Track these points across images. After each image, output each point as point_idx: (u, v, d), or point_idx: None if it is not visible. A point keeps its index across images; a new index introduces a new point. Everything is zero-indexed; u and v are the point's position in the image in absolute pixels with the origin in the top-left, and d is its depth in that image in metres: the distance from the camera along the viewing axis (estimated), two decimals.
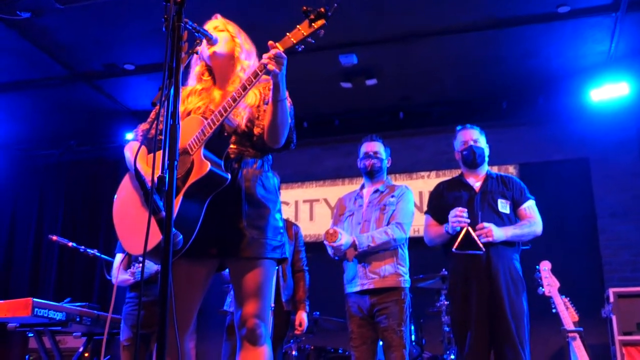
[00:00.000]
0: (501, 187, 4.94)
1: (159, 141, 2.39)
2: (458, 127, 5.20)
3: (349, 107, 8.75)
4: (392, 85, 8.16)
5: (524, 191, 4.96)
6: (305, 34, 2.92)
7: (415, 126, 8.89)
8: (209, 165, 2.94)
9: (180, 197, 2.92)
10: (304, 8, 2.92)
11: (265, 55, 2.93)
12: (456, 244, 4.64)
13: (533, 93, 8.22)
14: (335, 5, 2.88)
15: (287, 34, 2.96)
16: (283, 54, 2.92)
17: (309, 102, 7.91)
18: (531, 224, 4.83)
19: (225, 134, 3.15)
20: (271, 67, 2.91)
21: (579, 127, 8.30)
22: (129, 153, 3.33)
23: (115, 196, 3.33)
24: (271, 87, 3.08)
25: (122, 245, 3.20)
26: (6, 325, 5.25)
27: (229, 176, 3.04)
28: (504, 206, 4.85)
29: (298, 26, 2.94)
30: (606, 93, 7.98)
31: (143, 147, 3.17)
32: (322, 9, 2.89)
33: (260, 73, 2.96)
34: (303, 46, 2.96)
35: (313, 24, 2.90)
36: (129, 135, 3.45)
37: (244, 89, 2.98)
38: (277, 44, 2.94)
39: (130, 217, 3.16)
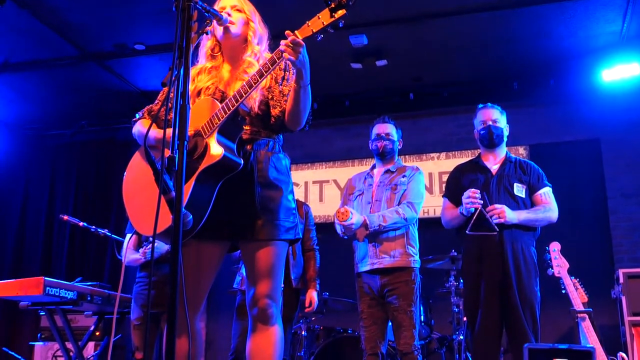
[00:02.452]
0: (519, 172, 4.95)
1: (169, 120, 2.39)
2: (479, 106, 5.19)
3: (360, 88, 8.73)
4: (402, 66, 8.13)
5: (542, 177, 4.96)
6: (325, 23, 2.85)
7: (426, 107, 8.86)
8: (222, 151, 2.95)
9: (192, 181, 2.93)
10: None
11: (282, 42, 2.91)
12: (470, 225, 4.65)
13: (544, 74, 8.17)
14: None
15: (307, 22, 2.91)
16: (300, 41, 2.89)
17: (319, 83, 7.78)
18: (546, 209, 4.83)
19: (239, 118, 3.16)
20: (287, 55, 2.89)
21: (590, 108, 8.25)
22: (140, 129, 3.34)
23: (125, 173, 3.34)
24: (284, 67, 3.09)
25: (132, 224, 3.21)
26: (18, 303, 5.29)
27: (242, 161, 3.05)
28: (519, 190, 4.86)
29: (318, 15, 2.88)
30: (618, 74, 7.93)
31: (154, 125, 3.18)
32: None
33: (277, 60, 2.95)
34: (322, 35, 2.91)
35: (334, 14, 2.83)
36: (137, 116, 3.43)
37: (261, 75, 2.98)
38: (296, 32, 2.91)
39: (141, 196, 3.18)
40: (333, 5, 2.83)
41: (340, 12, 2.83)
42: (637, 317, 6.01)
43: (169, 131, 2.37)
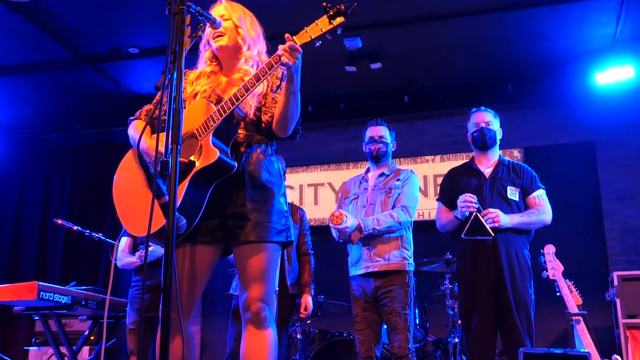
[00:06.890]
0: (512, 175, 4.95)
1: (162, 122, 2.39)
2: (472, 110, 5.22)
3: (355, 90, 8.72)
4: (397, 69, 8.12)
5: (535, 180, 4.97)
6: (324, 30, 2.91)
7: (421, 110, 8.85)
8: (217, 153, 2.96)
9: (186, 182, 2.94)
10: (324, 4, 2.91)
11: (280, 47, 2.93)
12: (465, 229, 4.66)
13: (539, 76, 8.17)
14: (356, 3, 2.87)
15: (305, 28, 2.94)
16: (298, 47, 2.92)
17: (314, 86, 7.89)
18: (540, 212, 4.84)
19: (235, 121, 3.17)
20: (285, 59, 2.91)
21: (585, 110, 8.26)
22: (132, 132, 3.34)
23: (116, 175, 3.33)
24: (280, 76, 3.11)
25: (123, 225, 3.21)
26: (12, 308, 5.28)
27: (236, 164, 3.06)
28: (513, 193, 4.87)
29: (317, 21, 2.93)
30: (612, 76, 7.92)
31: (148, 127, 3.17)
32: (343, 7, 2.88)
33: (275, 65, 2.97)
34: (321, 42, 2.95)
35: (332, 21, 2.89)
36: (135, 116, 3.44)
37: (258, 79, 3.00)
38: (294, 37, 2.93)
39: (132, 198, 3.18)
40: (332, 13, 2.88)
41: (339, 20, 2.88)
42: (632, 320, 6.01)
43: (162, 136, 2.37)
